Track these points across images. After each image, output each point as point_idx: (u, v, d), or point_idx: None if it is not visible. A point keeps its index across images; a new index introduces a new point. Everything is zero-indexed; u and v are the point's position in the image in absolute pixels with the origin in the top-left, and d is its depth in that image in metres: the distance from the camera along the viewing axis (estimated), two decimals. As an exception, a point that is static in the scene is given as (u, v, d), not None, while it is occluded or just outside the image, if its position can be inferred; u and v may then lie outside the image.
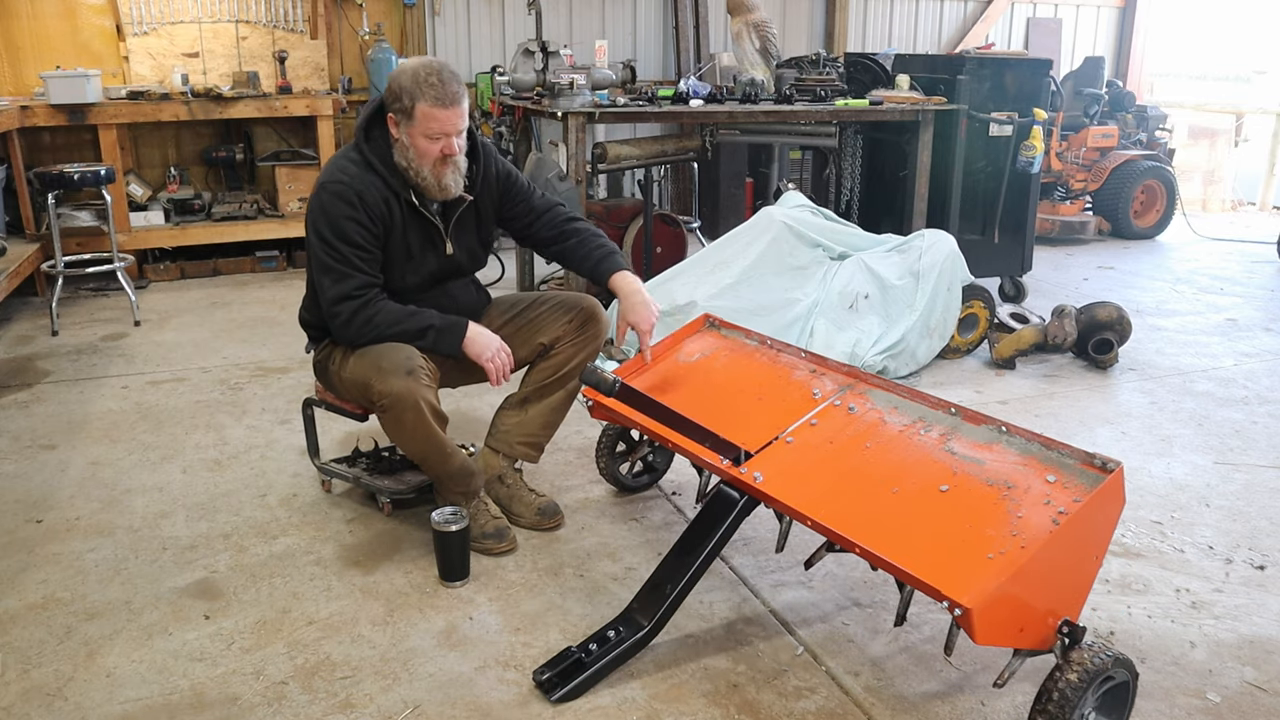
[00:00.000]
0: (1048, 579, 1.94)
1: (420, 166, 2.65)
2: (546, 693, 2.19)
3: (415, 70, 2.59)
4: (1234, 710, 2.19)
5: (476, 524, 2.80)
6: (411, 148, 2.63)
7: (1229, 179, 9.50)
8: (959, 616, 1.82)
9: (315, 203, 2.66)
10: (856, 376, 2.58)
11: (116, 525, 2.97)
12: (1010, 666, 1.98)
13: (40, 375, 4.32)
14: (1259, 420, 3.90)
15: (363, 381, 2.62)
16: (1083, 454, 2.07)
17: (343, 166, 2.67)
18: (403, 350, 2.61)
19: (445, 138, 2.62)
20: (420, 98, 2.57)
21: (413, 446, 2.70)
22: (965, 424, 2.30)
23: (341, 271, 2.62)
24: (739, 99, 5.12)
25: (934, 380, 4.33)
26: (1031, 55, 7.04)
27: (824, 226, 4.52)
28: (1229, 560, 2.83)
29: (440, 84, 2.57)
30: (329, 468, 3.15)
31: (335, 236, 2.61)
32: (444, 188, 2.69)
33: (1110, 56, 9.34)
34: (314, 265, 2.69)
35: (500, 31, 7.12)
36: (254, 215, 6.25)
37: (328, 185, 2.64)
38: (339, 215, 2.60)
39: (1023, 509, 2.01)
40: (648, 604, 2.35)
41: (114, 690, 2.21)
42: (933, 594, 1.89)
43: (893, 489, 2.18)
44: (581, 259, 2.92)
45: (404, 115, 2.61)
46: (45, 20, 6.01)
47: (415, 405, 2.56)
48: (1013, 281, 5.64)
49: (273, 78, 6.32)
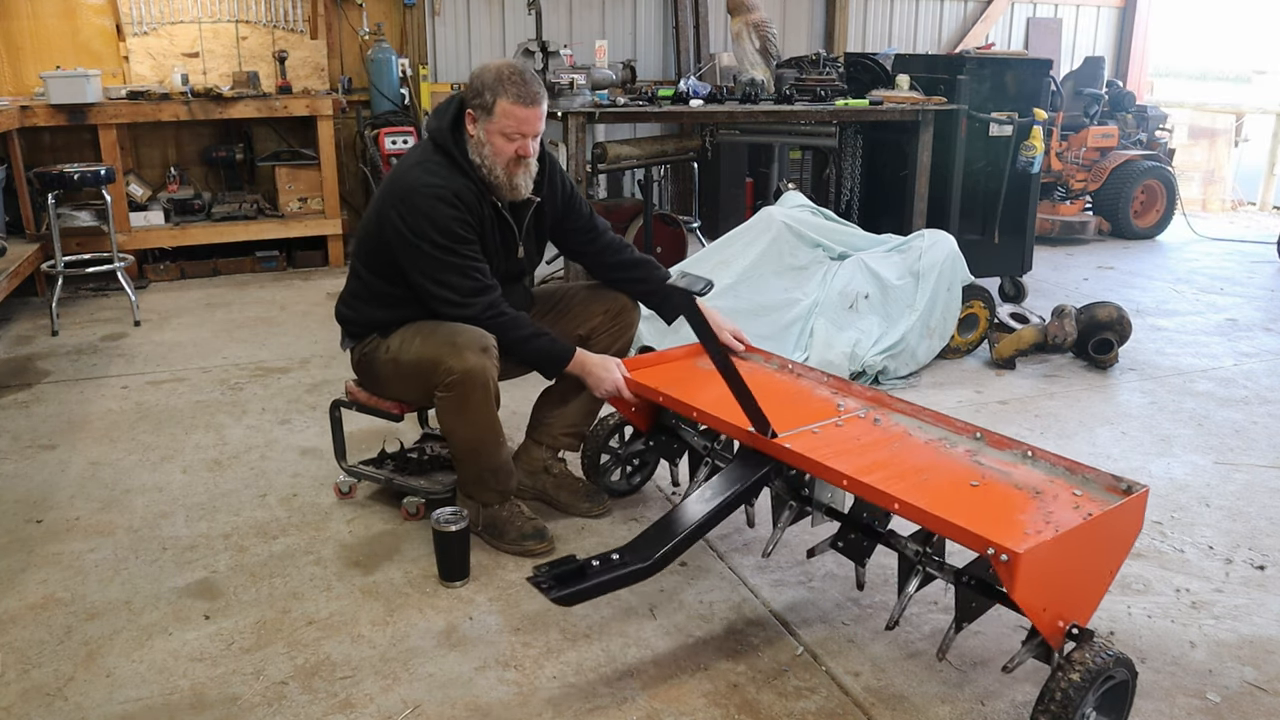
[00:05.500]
0: (1075, 568, 1.98)
1: (494, 164, 2.66)
2: (544, 590, 2.11)
3: (499, 68, 2.63)
4: (1234, 710, 2.19)
5: (513, 526, 2.80)
6: (488, 144, 2.65)
7: (1229, 179, 9.50)
8: (1004, 564, 1.83)
9: (411, 207, 2.62)
10: (880, 401, 2.61)
11: (116, 525, 2.97)
12: (1019, 656, 2.02)
13: (40, 375, 4.32)
14: (1259, 420, 3.90)
15: (432, 359, 2.63)
16: (1109, 477, 2.12)
17: (430, 169, 2.66)
18: (476, 329, 2.64)
19: (522, 138, 2.64)
20: (502, 94, 2.59)
21: (470, 431, 2.69)
22: (989, 447, 2.34)
23: (465, 267, 2.65)
24: (739, 99, 5.12)
25: (934, 380, 4.33)
26: (1031, 55, 7.04)
27: (824, 226, 4.52)
28: (1229, 560, 2.83)
29: (523, 83, 2.61)
30: (358, 470, 3.13)
31: (447, 238, 2.62)
32: (515, 187, 2.71)
33: (1110, 56, 9.33)
34: (426, 268, 2.64)
35: (500, 31, 7.12)
36: (254, 215, 6.26)
37: (421, 189, 2.62)
38: (444, 217, 2.61)
39: (1052, 508, 2.05)
40: (655, 540, 2.30)
41: (114, 690, 2.21)
42: (975, 543, 1.89)
43: (923, 476, 2.20)
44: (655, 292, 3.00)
45: (484, 111, 2.63)
46: (45, 20, 6.01)
47: (485, 384, 2.59)
48: (1013, 281, 5.64)
49: (273, 78, 6.32)
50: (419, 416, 3.41)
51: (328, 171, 6.23)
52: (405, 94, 6.60)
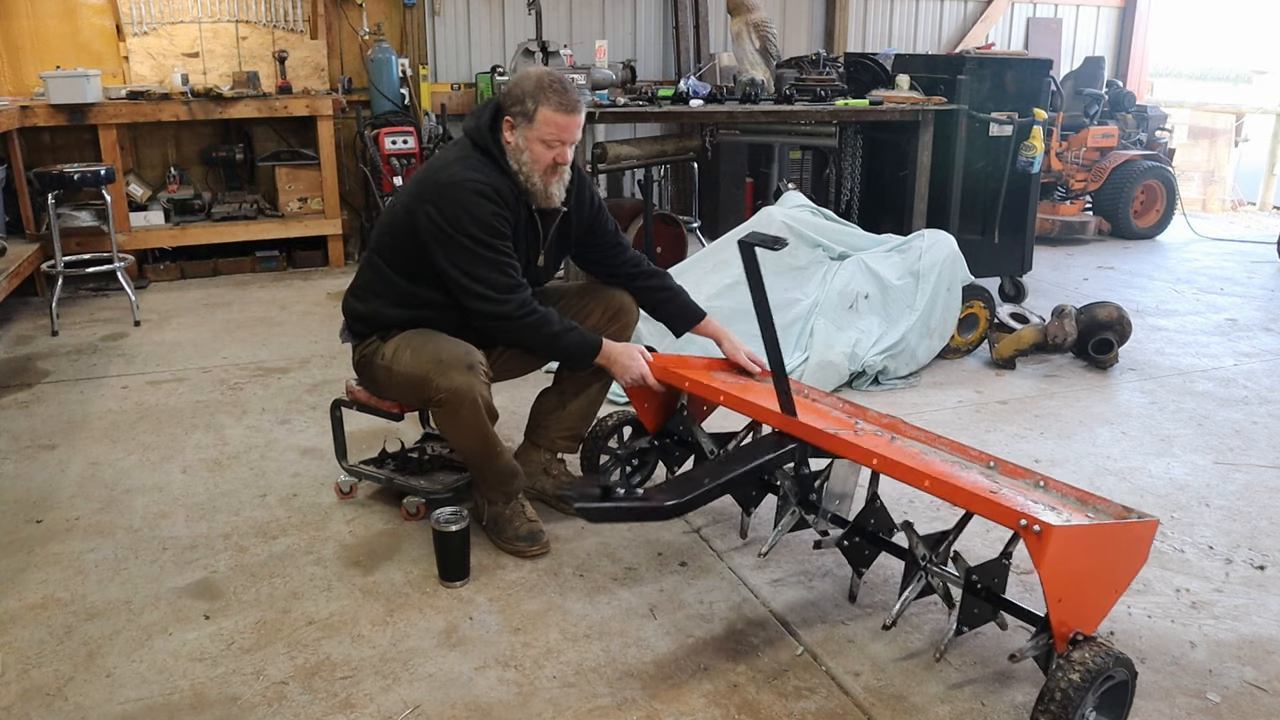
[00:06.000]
0: (1092, 567, 2.02)
1: (532, 171, 2.67)
2: (570, 502, 2.27)
3: (539, 76, 2.64)
4: (1234, 710, 2.19)
5: (511, 526, 2.81)
6: (526, 150, 2.65)
7: (1229, 179, 9.50)
8: (1036, 535, 1.88)
9: (450, 200, 2.61)
10: (895, 427, 2.63)
11: (116, 525, 2.97)
12: (1025, 651, 2.05)
13: (40, 375, 4.32)
14: (1259, 420, 3.90)
15: (420, 375, 2.64)
16: (1119, 508, 2.16)
17: (471, 165, 2.66)
18: (461, 345, 2.66)
19: (561, 146, 2.65)
20: (544, 102, 2.60)
21: (464, 442, 2.73)
22: (1003, 475, 2.35)
23: (501, 263, 2.65)
24: (739, 99, 5.12)
25: (934, 380, 4.33)
26: (1031, 55, 7.03)
27: (824, 226, 4.52)
28: (1229, 560, 2.83)
29: (564, 90, 2.62)
30: (359, 470, 3.14)
31: (486, 233, 2.62)
32: (549, 195, 2.72)
33: (1110, 56, 9.33)
34: (462, 261, 2.63)
35: (500, 31, 7.12)
36: (254, 215, 6.26)
37: (464, 184, 2.62)
38: (486, 213, 2.61)
39: (1071, 518, 2.10)
40: (681, 486, 2.38)
41: (114, 690, 2.21)
42: (1008, 517, 1.95)
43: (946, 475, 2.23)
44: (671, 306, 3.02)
45: (524, 118, 2.63)
46: (45, 20, 6.01)
47: (473, 401, 2.60)
48: (1013, 281, 5.64)
49: (273, 78, 6.32)
50: (420, 416, 3.42)
51: (328, 171, 6.24)
52: (405, 94, 6.60)
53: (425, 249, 2.66)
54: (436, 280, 2.70)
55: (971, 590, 2.20)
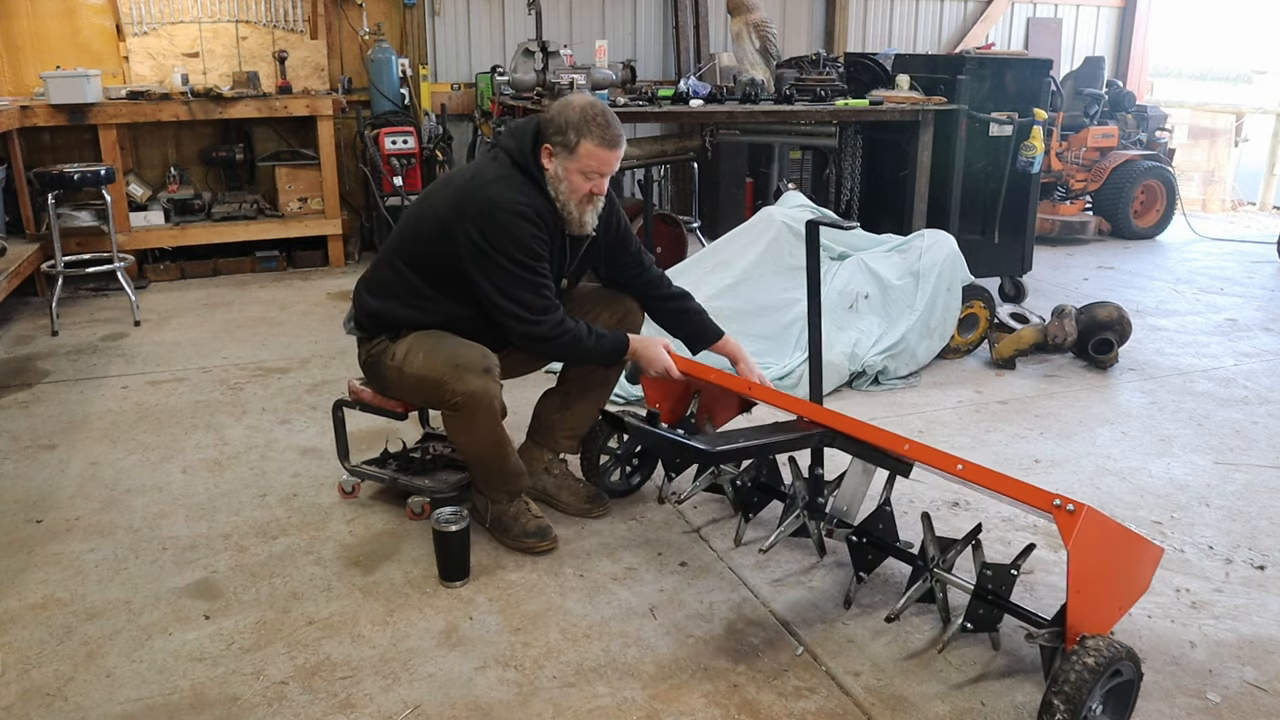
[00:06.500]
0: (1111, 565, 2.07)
1: (569, 200, 2.67)
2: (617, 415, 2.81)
3: (583, 108, 2.63)
4: (1234, 710, 2.19)
5: (518, 523, 2.82)
6: (565, 180, 2.65)
7: (1229, 179, 9.50)
8: (1069, 514, 1.94)
9: (492, 220, 2.61)
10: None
11: (116, 525, 2.97)
12: (1039, 635, 2.08)
13: (40, 375, 4.32)
14: (1259, 420, 3.90)
15: (435, 379, 2.64)
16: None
17: (513, 185, 2.66)
18: (477, 348, 2.67)
19: (600, 178, 2.66)
20: (588, 135, 2.60)
21: (477, 445, 2.74)
22: None
23: (537, 284, 2.66)
24: (739, 99, 5.12)
25: (934, 380, 4.33)
26: (1031, 55, 7.03)
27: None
28: (1229, 560, 2.83)
29: (607, 125, 2.62)
30: (362, 470, 3.13)
31: (525, 255, 2.63)
32: (583, 224, 2.73)
33: (1110, 56, 9.33)
34: (500, 281, 2.63)
35: (500, 31, 7.12)
36: (254, 215, 6.25)
37: (506, 203, 2.61)
38: (526, 235, 2.62)
39: None
40: (718, 439, 2.62)
41: (114, 690, 2.21)
42: (1040, 498, 2.01)
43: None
44: (690, 324, 3.05)
45: (564, 149, 2.63)
46: (45, 20, 6.01)
47: (490, 405, 2.63)
48: (1013, 281, 5.64)
49: (273, 78, 6.32)
50: (420, 416, 3.42)
51: (328, 171, 6.23)
52: (405, 94, 6.60)
53: (458, 261, 2.66)
54: (460, 288, 2.70)
55: (981, 591, 2.22)
